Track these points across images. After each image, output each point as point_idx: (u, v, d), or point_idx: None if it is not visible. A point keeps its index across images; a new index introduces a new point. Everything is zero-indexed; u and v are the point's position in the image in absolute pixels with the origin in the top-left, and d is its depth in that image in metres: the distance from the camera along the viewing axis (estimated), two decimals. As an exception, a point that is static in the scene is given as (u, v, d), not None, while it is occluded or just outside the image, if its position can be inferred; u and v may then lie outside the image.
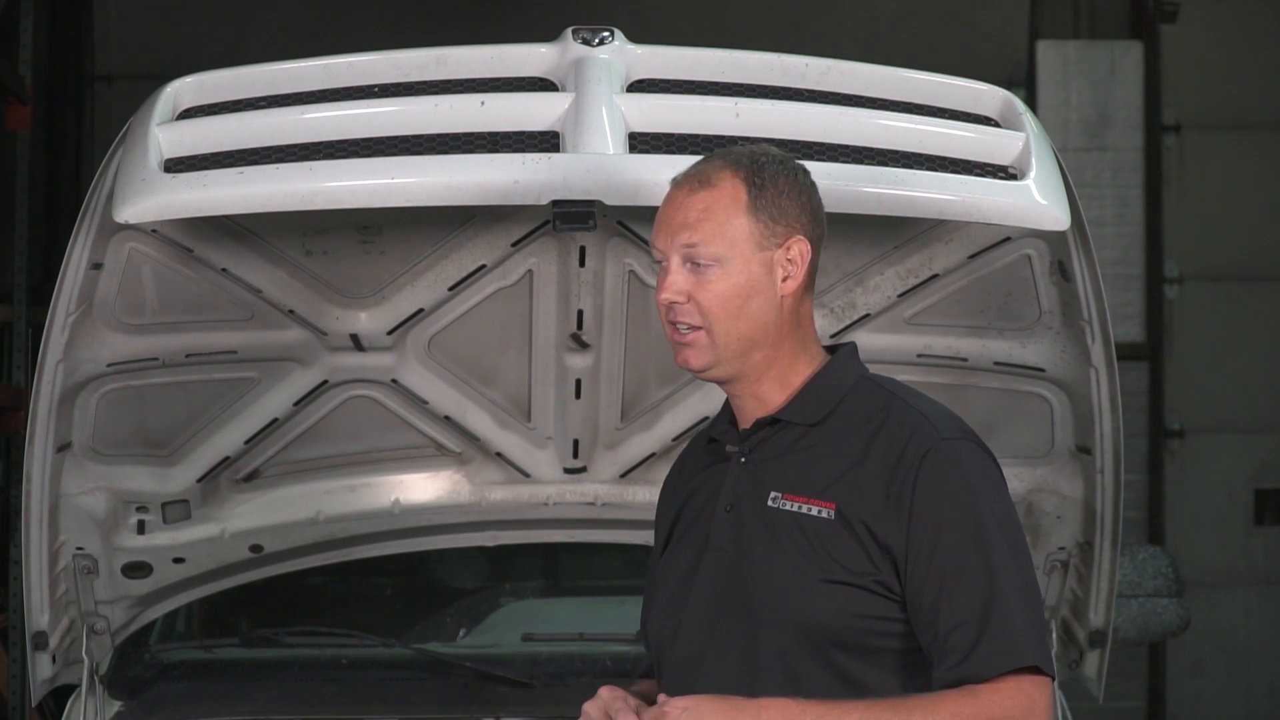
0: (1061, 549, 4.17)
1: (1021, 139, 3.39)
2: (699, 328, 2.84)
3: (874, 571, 2.78)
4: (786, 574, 2.80)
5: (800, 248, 2.87)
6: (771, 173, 2.86)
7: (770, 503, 2.85)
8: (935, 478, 2.78)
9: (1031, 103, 9.42)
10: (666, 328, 2.90)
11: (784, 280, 2.86)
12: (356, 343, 3.94)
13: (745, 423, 2.94)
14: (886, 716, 2.68)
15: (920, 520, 2.76)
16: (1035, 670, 2.73)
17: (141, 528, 4.16)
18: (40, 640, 4.13)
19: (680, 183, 2.88)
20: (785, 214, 2.86)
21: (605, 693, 2.88)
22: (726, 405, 3.01)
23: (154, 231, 3.57)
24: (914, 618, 2.78)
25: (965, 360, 3.95)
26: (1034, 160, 3.35)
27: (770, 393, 2.90)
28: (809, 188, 2.90)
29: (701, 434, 3.16)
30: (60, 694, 4.34)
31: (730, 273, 2.83)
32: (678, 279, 2.84)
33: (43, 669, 4.17)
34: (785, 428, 2.89)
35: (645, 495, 4.29)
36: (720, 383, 2.92)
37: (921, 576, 2.75)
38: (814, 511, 2.81)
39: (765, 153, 2.90)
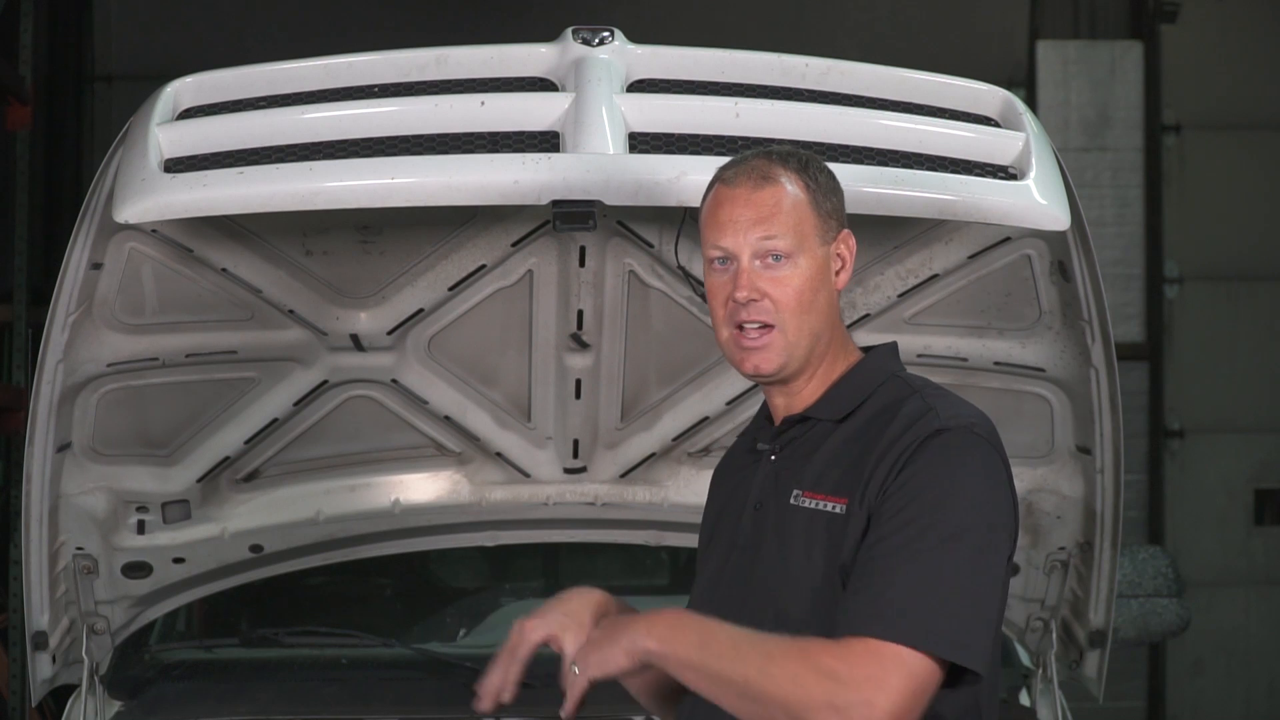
0: (1061, 549, 4.17)
1: (1021, 139, 3.39)
2: (770, 326, 2.83)
3: None
4: (799, 571, 2.80)
5: (849, 242, 2.91)
6: (817, 168, 2.89)
7: (792, 500, 2.85)
8: (916, 464, 2.73)
9: (1031, 103, 9.43)
10: (728, 332, 2.85)
11: (837, 274, 2.89)
12: (356, 343, 3.94)
13: (779, 420, 2.94)
14: (750, 641, 2.65)
15: (888, 499, 2.71)
16: (914, 650, 2.61)
17: (141, 528, 4.16)
18: (40, 640, 4.13)
19: (735, 181, 2.85)
20: (835, 209, 2.89)
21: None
22: (765, 402, 3.01)
23: (154, 231, 3.57)
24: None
25: (965, 360, 3.95)
26: (1034, 160, 3.35)
27: (811, 390, 2.90)
28: (840, 186, 2.93)
29: (744, 433, 3.16)
30: (60, 694, 4.34)
31: (802, 267, 2.83)
32: (753, 276, 2.82)
33: (43, 669, 4.17)
34: (814, 425, 2.89)
35: (645, 495, 4.29)
36: (781, 383, 2.89)
37: (866, 544, 2.70)
38: (828, 507, 2.81)
39: (800, 151, 2.92)
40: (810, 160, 2.90)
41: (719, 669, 2.64)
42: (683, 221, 3.64)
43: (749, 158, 2.90)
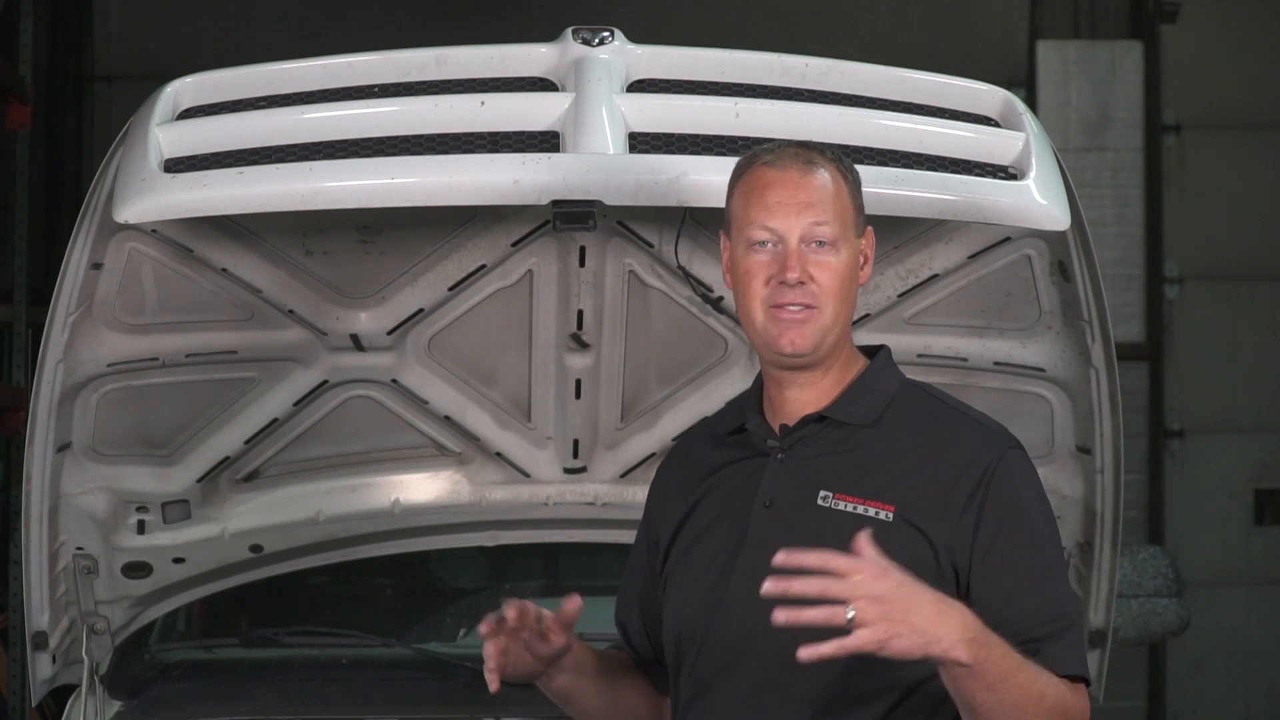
0: (1062, 549, 4.16)
1: (1021, 139, 3.39)
2: (812, 307, 2.83)
3: (932, 574, 2.75)
4: None
5: (871, 240, 2.92)
6: (849, 165, 2.90)
7: (820, 501, 2.83)
8: (1003, 488, 2.79)
9: (1031, 103, 9.42)
10: (765, 312, 2.83)
11: (862, 268, 2.90)
12: (356, 343, 3.94)
13: (787, 418, 2.90)
14: (1031, 670, 2.68)
15: (987, 529, 2.77)
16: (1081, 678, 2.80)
17: (141, 528, 4.16)
18: (40, 640, 4.13)
19: (782, 165, 2.84)
20: (863, 206, 2.90)
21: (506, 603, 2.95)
22: (749, 397, 2.98)
23: (154, 231, 3.57)
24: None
25: (965, 360, 3.95)
26: (1034, 160, 3.35)
27: (825, 388, 2.89)
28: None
29: (702, 428, 3.14)
30: (60, 694, 4.34)
31: (842, 255, 2.84)
32: (802, 259, 2.82)
33: (43, 669, 4.17)
34: (832, 426, 2.87)
35: (645, 495, 4.28)
36: (801, 369, 2.87)
37: (987, 581, 2.76)
38: (872, 513, 2.79)
39: (831, 146, 2.93)
40: (842, 156, 2.91)
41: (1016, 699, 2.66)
42: (683, 221, 3.64)
43: (783, 145, 2.89)
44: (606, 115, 3.29)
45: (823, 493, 2.83)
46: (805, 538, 2.80)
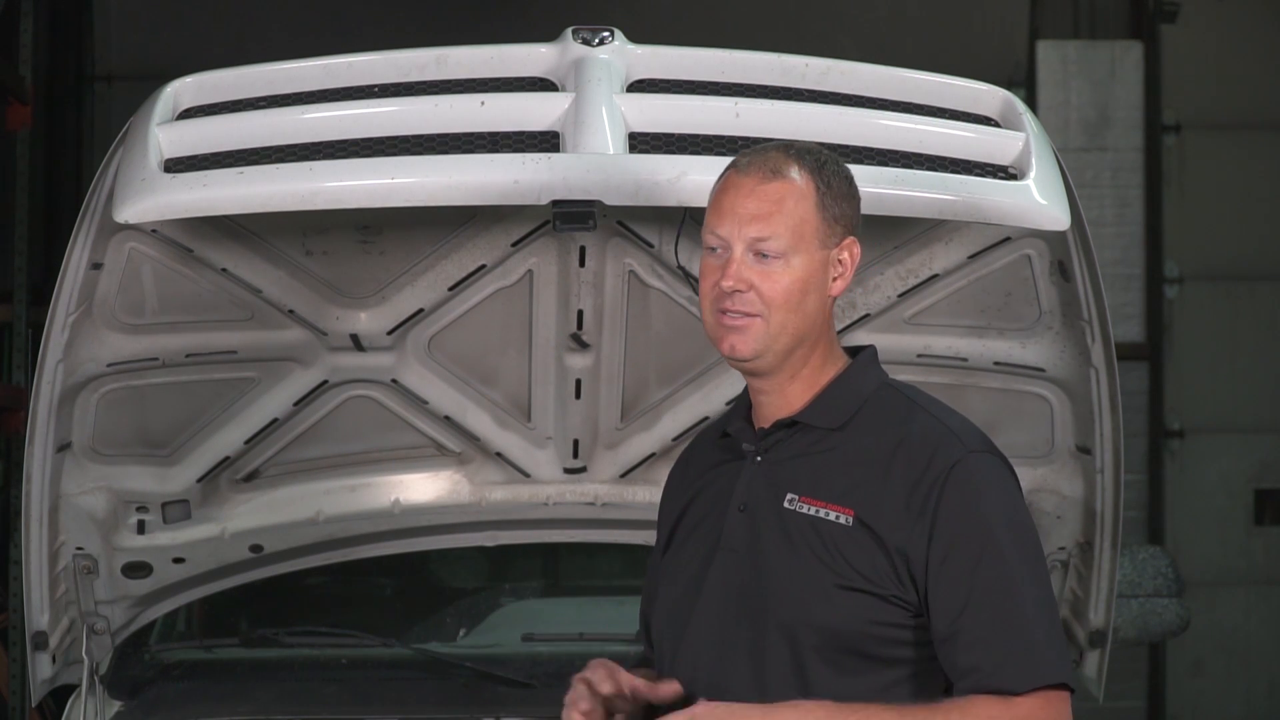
0: (1061, 549, 4.17)
1: (1021, 139, 3.39)
2: (754, 315, 2.82)
3: (890, 579, 2.76)
4: (801, 578, 2.79)
5: (853, 250, 2.89)
6: (833, 171, 2.87)
7: (786, 504, 2.83)
8: (959, 493, 2.77)
9: (1031, 103, 9.42)
10: (712, 315, 2.86)
11: (834, 280, 2.87)
12: (356, 343, 3.94)
13: (764, 421, 2.92)
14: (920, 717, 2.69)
15: (942, 536, 2.75)
16: (1058, 684, 2.74)
17: (141, 528, 4.16)
18: (40, 640, 4.13)
19: (746, 170, 2.84)
20: (843, 215, 2.87)
21: (596, 664, 2.90)
22: (741, 401, 3.00)
23: (154, 231, 3.57)
24: (933, 631, 2.77)
25: (965, 360, 3.95)
26: (1034, 160, 3.35)
27: (796, 393, 2.89)
28: (858, 192, 2.91)
29: (708, 430, 3.15)
30: (60, 694, 4.34)
31: (794, 267, 2.82)
32: (742, 268, 2.81)
33: (43, 669, 4.17)
34: (804, 430, 2.88)
35: (645, 495, 4.28)
36: (754, 375, 2.89)
37: (941, 591, 2.75)
38: (831, 516, 2.80)
39: (822, 151, 2.90)
40: (828, 161, 2.88)
41: None
42: (683, 221, 3.64)
43: (768, 148, 2.88)
44: (606, 115, 3.29)
45: (789, 495, 2.84)
46: (771, 541, 2.82)
